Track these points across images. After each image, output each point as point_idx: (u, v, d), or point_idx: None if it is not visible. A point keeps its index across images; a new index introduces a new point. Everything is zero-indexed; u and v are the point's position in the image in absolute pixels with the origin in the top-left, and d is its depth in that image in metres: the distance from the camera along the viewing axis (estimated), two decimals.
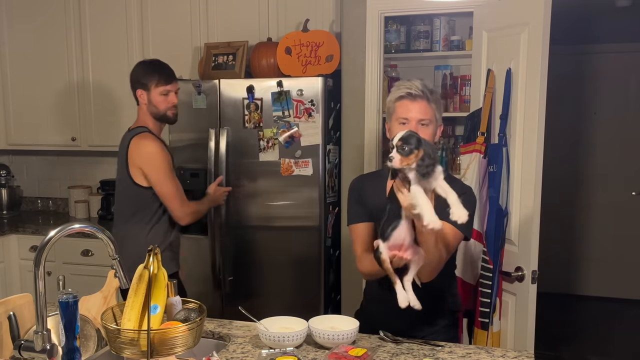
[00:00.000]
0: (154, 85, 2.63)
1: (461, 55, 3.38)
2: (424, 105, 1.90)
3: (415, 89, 1.90)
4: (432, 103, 1.92)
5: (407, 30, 3.51)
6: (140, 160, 2.63)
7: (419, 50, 3.47)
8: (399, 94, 1.93)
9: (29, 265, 1.49)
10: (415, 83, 1.93)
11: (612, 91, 5.34)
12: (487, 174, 2.56)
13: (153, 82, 2.63)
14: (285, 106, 3.06)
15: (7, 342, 1.61)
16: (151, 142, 2.62)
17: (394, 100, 1.95)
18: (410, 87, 1.92)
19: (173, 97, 2.68)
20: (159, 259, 1.64)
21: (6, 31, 3.99)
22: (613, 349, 4.47)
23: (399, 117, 1.92)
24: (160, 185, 2.64)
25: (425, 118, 1.90)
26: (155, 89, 2.63)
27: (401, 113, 1.92)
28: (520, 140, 2.46)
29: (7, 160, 4.41)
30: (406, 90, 1.92)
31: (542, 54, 2.32)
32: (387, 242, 1.72)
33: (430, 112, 1.91)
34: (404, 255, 1.71)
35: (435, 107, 1.93)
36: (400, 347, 1.84)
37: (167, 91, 2.65)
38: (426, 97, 1.91)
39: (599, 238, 5.48)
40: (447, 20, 3.43)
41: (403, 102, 1.92)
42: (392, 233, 1.71)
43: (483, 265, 2.52)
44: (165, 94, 2.64)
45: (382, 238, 1.74)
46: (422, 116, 1.90)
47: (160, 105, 2.65)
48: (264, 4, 3.46)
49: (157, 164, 2.61)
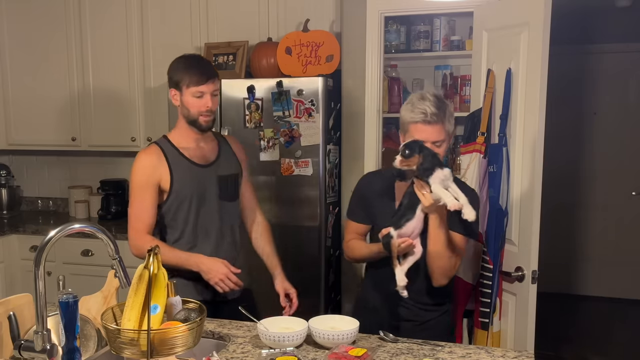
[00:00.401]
0: (186, 85, 2.23)
1: (461, 55, 3.38)
2: (437, 128, 1.97)
3: (431, 115, 1.95)
4: (445, 122, 1.98)
5: (407, 30, 3.51)
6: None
7: (419, 50, 3.47)
8: (414, 118, 1.98)
9: (29, 265, 1.49)
10: (428, 105, 1.96)
11: (612, 91, 5.34)
12: (487, 174, 2.56)
13: (185, 82, 2.23)
14: (286, 106, 3.06)
15: (7, 342, 1.61)
16: (140, 155, 2.27)
17: (408, 122, 2.01)
18: (425, 111, 1.96)
19: (208, 99, 2.23)
20: (159, 259, 1.64)
21: (6, 32, 3.99)
22: (613, 349, 4.47)
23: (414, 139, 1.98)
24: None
25: (439, 139, 1.98)
26: (187, 89, 2.23)
27: (416, 135, 1.98)
28: (520, 140, 2.46)
29: (7, 160, 4.41)
30: (421, 115, 1.96)
31: (542, 54, 2.32)
32: (399, 230, 1.93)
33: (443, 133, 1.99)
34: (410, 242, 1.91)
35: (448, 124, 2.00)
36: (400, 347, 1.84)
37: (200, 93, 2.22)
38: (440, 120, 1.97)
39: (599, 238, 5.48)
40: (447, 20, 3.43)
41: (417, 126, 1.98)
42: (405, 223, 1.93)
43: (483, 265, 2.52)
44: (198, 96, 2.22)
45: (394, 226, 1.93)
46: (435, 138, 1.97)
47: (192, 109, 2.24)
48: (264, 4, 3.46)
49: (131, 180, 2.26)
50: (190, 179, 2.26)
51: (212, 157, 2.33)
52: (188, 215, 2.27)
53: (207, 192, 2.29)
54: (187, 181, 2.25)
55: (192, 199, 2.26)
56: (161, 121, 3.54)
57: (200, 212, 2.28)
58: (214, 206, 2.30)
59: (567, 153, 5.35)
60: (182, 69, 2.24)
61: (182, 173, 2.25)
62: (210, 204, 2.29)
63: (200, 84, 2.21)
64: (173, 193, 2.24)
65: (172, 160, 2.25)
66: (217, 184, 2.31)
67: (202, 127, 2.26)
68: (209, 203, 2.29)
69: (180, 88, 2.24)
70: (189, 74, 2.22)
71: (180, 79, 2.23)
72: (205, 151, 2.32)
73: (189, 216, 2.27)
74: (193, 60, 2.31)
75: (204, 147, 2.32)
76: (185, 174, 2.25)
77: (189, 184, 2.25)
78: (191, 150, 2.29)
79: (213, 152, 2.35)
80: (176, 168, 2.24)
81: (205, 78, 2.22)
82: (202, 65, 2.27)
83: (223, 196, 2.32)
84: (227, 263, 2.20)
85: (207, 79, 2.22)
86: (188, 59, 2.31)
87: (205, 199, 2.28)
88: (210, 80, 2.23)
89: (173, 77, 2.26)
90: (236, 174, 2.39)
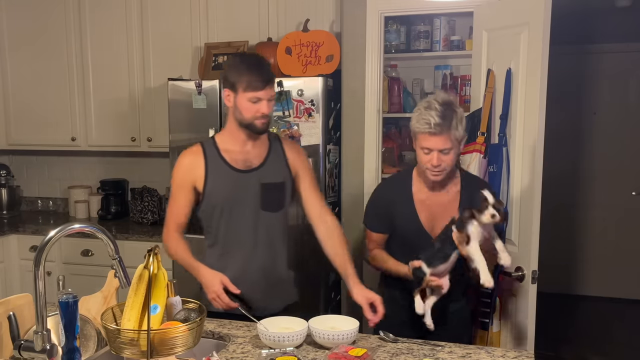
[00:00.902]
0: (242, 88, 2.07)
1: (461, 55, 3.38)
2: (442, 138, 2.02)
3: (435, 126, 1.99)
4: (452, 130, 2.02)
5: (407, 30, 3.51)
6: None
7: (419, 50, 3.47)
8: (420, 128, 2.04)
9: (29, 265, 1.48)
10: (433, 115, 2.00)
11: (612, 91, 5.34)
12: (487, 174, 2.56)
13: (242, 85, 2.07)
14: (286, 106, 3.06)
15: (7, 342, 1.61)
16: (181, 155, 2.22)
17: (415, 131, 2.07)
18: (429, 122, 2.00)
19: (264, 106, 2.09)
20: (159, 259, 1.64)
21: (6, 32, 3.99)
22: (613, 349, 4.47)
23: (422, 147, 2.06)
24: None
25: (446, 148, 2.03)
26: (243, 93, 2.07)
27: (424, 144, 2.05)
28: (520, 140, 2.46)
29: (7, 160, 4.41)
30: (426, 126, 2.01)
31: (542, 54, 2.32)
32: (431, 269, 2.00)
33: (449, 142, 2.03)
34: (440, 283, 2.00)
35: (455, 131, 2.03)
36: (400, 347, 1.84)
37: (257, 98, 2.07)
38: (444, 131, 2.00)
39: (599, 238, 5.48)
40: (447, 20, 3.42)
41: (424, 136, 2.04)
42: (439, 266, 2.00)
43: None
44: (254, 102, 2.08)
45: (427, 263, 2.00)
46: (442, 147, 2.03)
47: (246, 113, 2.09)
48: (264, 4, 3.46)
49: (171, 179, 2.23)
50: (225, 183, 2.15)
51: (256, 162, 2.18)
52: (220, 222, 2.17)
53: (243, 199, 2.15)
54: (220, 186, 2.14)
55: (225, 205, 2.15)
56: (161, 121, 3.54)
57: (233, 220, 2.16)
58: (251, 215, 2.16)
59: (567, 153, 5.35)
60: (240, 71, 2.09)
61: (217, 177, 2.14)
62: (246, 213, 2.16)
63: (258, 90, 2.07)
64: (206, 197, 2.15)
65: (210, 162, 2.15)
66: (258, 191, 2.16)
67: (258, 130, 2.13)
68: (245, 211, 2.16)
69: (235, 90, 2.09)
70: (246, 78, 2.06)
71: (236, 81, 2.08)
72: (250, 155, 2.18)
73: (220, 222, 2.17)
74: (252, 62, 2.13)
75: (250, 151, 2.18)
76: (220, 178, 2.15)
77: (222, 188, 2.14)
78: (234, 154, 2.17)
79: (259, 157, 2.19)
80: (212, 171, 2.14)
81: (264, 84, 2.07)
82: (261, 68, 2.10)
83: (264, 205, 2.17)
84: (227, 280, 2.08)
85: (266, 84, 2.08)
86: (247, 60, 2.15)
87: (240, 207, 2.15)
88: (269, 86, 2.09)
89: (229, 78, 2.11)
90: (282, 183, 2.20)
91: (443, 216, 2.13)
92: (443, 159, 2.03)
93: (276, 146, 2.24)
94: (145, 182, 4.07)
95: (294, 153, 2.26)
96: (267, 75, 2.09)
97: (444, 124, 1.99)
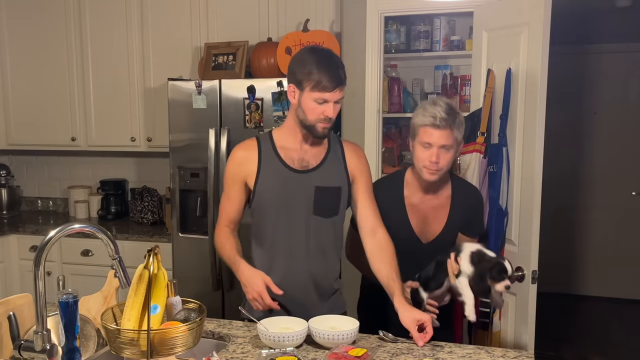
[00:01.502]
0: (310, 87, 1.91)
1: (461, 55, 3.38)
2: (446, 133, 2.01)
3: (440, 119, 2.00)
4: (455, 128, 2.02)
5: (407, 30, 3.51)
6: None
7: (419, 50, 3.47)
8: (424, 121, 2.03)
9: (29, 265, 1.48)
10: (439, 111, 2.01)
11: (612, 91, 5.34)
12: (487, 174, 2.57)
13: (309, 83, 1.91)
14: (286, 106, 3.06)
15: (7, 342, 1.61)
16: (234, 149, 2.10)
17: (418, 125, 2.05)
18: (434, 115, 2.01)
19: (330, 108, 1.92)
20: (159, 259, 1.64)
21: (6, 32, 3.98)
22: (613, 349, 4.47)
23: (423, 142, 2.04)
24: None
25: (447, 144, 2.02)
26: (310, 92, 1.91)
27: (425, 138, 2.03)
28: (520, 140, 2.46)
29: (7, 160, 4.41)
30: (431, 119, 2.01)
31: (542, 54, 2.32)
32: (427, 293, 2.03)
33: (451, 138, 2.02)
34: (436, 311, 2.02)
35: (457, 131, 2.04)
36: (400, 347, 1.84)
37: (323, 100, 1.91)
38: (449, 126, 2.01)
39: (599, 238, 5.48)
40: (447, 20, 3.43)
41: (427, 129, 2.03)
42: (435, 291, 2.03)
43: None
44: (320, 103, 1.91)
45: (424, 287, 2.04)
46: (444, 142, 2.02)
47: (309, 114, 1.94)
48: (264, 4, 3.46)
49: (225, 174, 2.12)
50: (277, 182, 2.01)
51: (313, 162, 2.03)
52: (268, 222, 2.04)
53: (295, 201, 2.01)
54: (272, 184, 2.01)
55: (275, 204, 2.01)
56: (161, 121, 3.55)
57: (282, 222, 2.02)
58: (302, 219, 2.01)
59: (567, 153, 5.35)
60: (309, 68, 1.91)
61: (270, 174, 2.01)
62: (297, 216, 2.01)
63: (326, 91, 1.90)
64: (257, 194, 2.02)
65: (265, 158, 2.02)
66: (312, 194, 2.01)
67: (318, 134, 1.97)
68: (297, 214, 2.01)
69: (301, 87, 1.93)
70: (316, 76, 1.89)
71: (303, 78, 1.92)
72: (307, 155, 2.03)
73: (268, 223, 2.04)
74: (324, 58, 1.94)
75: (307, 150, 2.03)
76: (273, 176, 2.01)
77: (274, 187, 2.01)
78: (290, 152, 2.03)
79: (317, 158, 2.04)
80: (265, 168, 2.01)
81: (334, 85, 1.90)
82: (332, 67, 1.92)
83: (317, 210, 2.01)
84: (269, 280, 1.95)
85: (336, 86, 1.91)
86: (318, 56, 1.95)
87: (292, 209, 2.01)
88: (339, 88, 1.92)
89: (296, 73, 1.94)
90: (338, 187, 2.04)
91: (433, 221, 2.14)
92: (442, 156, 2.02)
93: (336, 147, 2.09)
94: (145, 182, 4.07)
95: (355, 157, 2.10)
96: (338, 75, 1.92)
97: (449, 119, 2.00)
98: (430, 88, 3.60)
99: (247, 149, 2.04)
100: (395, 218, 2.13)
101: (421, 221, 2.15)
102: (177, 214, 3.33)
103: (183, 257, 3.34)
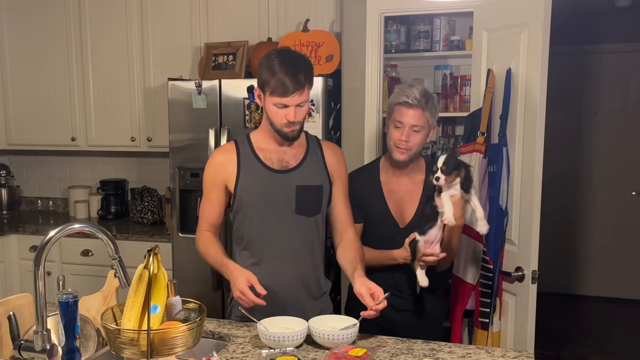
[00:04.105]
0: (269, 92, 1.90)
1: (461, 55, 3.38)
2: (418, 113, 2.11)
3: (413, 98, 2.10)
4: (427, 111, 2.13)
5: (407, 30, 3.51)
6: None
7: (419, 50, 3.47)
8: (398, 100, 2.15)
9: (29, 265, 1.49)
10: (414, 91, 2.12)
11: (612, 91, 5.34)
12: (487, 174, 2.56)
13: (268, 87, 1.90)
14: None
15: (7, 342, 1.61)
16: (213, 153, 2.12)
17: (393, 104, 2.16)
18: (408, 95, 2.11)
19: (291, 112, 1.90)
20: (159, 259, 1.64)
21: (6, 32, 3.99)
22: (613, 349, 4.47)
23: (395, 120, 2.15)
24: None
25: (418, 125, 2.12)
26: (270, 97, 1.91)
27: (397, 117, 2.14)
28: (520, 140, 2.46)
29: (7, 160, 4.41)
30: (404, 98, 2.12)
31: (542, 54, 2.32)
32: (423, 236, 2.07)
33: (422, 119, 2.12)
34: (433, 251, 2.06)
35: (429, 114, 2.14)
36: (400, 347, 1.84)
37: (282, 104, 1.90)
38: (421, 106, 2.11)
39: (599, 238, 5.48)
40: (447, 20, 3.43)
41: (400, 108, 2.13)
42: (428, 230, 2.06)
43: (483, 265, 2.52)
44: (280, 107, 1.91)
45: (419, 232, 2.08)
46: (414, 122, 2.12)
47: (273, 118, 1.94)
48: (264, 4, 3.46)
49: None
50: (258, 183, 2.00)
51: (293, 162, 2.04)
52: (251, 224, 2.04)
53: (277, 201, 2.01)
54: (253, 185, 2.00)
55: (257, 206, 2.01)
56: (161, 121, 3.55)
57: (267, 223, 2.02)
58: (286, 219, 2.02)
59: (567, 153, 5.35)
60: (269, 72, 1.89)
61: (250, 176, 2.01)
62: (280, 216, 2.01)
63: (285, 96, 1.88)
64: (237, 197, 2.02)
65: (244, 160, 2.02)
66: (293, 193, 2.01)
67: (287, 137, 1.98)
68: (279, 214, 2.01)
69: (264, 91, 1.93)
70: (274, 81, 1.87)
71: (264, 81, 1.90)
72: (287, 155, 2.04)
73: (252, 225, 2.04)
74: (284, 61, 1.89)
75: (286, 150, 2.04)
76: (253, 178, 2.01)
77: (255, 188, 2.00)
78: (269, 153, 2.03)
79: (296, 158, 2.05)
80: (245, 169, 2.01)
81: (291, 90, 1.87)
82: (292, 70, 1.87)
83: (299, 209, 2.02)
84: (254, 279, 1.92)
85: (294, 90, 1.87)
86: (279, 59, 1.90)
87: (275, 209, 2.01)
88: (297, 92, 1.88)
89: (260, 76, 1.92)
90: (320, 186, 2.06)
91: (409, 204, 2.23)
92: (412, 136, 2.11)
93: (315, 147, 2.10)
94: (145, 182, 4.07)
95: (334, 156, 2.13)
96: (297, 79, 1.87)
97: (422, 100, 2.10)
98: (430, 88, 3.59)
99: (225, 152, 2.06)
100: (375, 204, 2.24)
101: (398, 205, 2.25)
102: (177, 214, 3.33)
103: (183, 257, 3.34)
